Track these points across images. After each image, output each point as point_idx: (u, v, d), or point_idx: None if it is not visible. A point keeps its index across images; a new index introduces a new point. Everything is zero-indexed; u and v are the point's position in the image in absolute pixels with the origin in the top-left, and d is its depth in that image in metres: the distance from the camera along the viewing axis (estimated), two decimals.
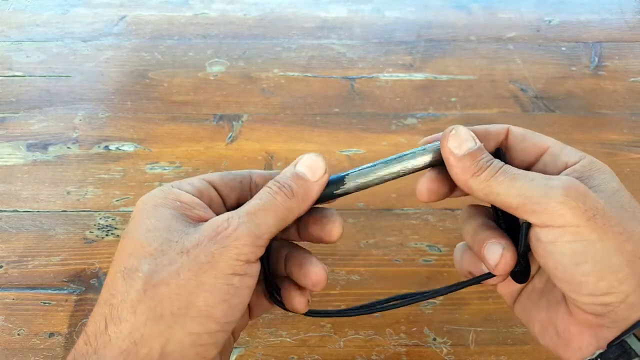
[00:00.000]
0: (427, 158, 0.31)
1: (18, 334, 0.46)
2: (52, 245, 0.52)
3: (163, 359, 0.26)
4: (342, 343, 0.46)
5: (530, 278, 0.32)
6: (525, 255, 0.30)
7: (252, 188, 0.32)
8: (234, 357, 0.45)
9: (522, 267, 0.31)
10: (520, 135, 0.32)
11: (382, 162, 0.31)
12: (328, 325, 0.46)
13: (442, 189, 0.31)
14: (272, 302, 0.32)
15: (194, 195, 0.30)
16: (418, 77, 0.67)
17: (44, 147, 0.60)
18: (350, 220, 0.53)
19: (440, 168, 0.31)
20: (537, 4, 0.77)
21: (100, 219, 0.54)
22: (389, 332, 0.46)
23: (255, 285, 0.29)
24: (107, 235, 0.52)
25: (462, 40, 0.72)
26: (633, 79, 0.67)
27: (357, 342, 0.46)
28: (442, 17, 0.75)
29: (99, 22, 0.75)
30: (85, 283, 0.49)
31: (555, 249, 0.27)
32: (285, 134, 0.61)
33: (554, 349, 0.30)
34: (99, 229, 0.53)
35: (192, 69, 0.68)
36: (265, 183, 0.30)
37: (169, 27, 0.74)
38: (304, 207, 0.29)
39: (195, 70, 0.68)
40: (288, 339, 0.46)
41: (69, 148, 0.60)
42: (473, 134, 0.30)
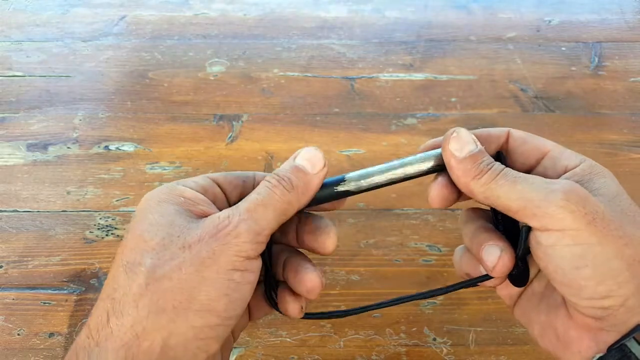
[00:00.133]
0: (429, 164, 0.31)
1: (18, 334, 0.46)
2: (52, 245, 0.52)
3: (165, 352, 0.26)
4: (342, 343, 0.46)
5: (530, 281, 0.32)
6: (524, 259, 0.30)
7: (255, 187, 0.32)
8: (234, 357, 0.45)
9: (520, 270, 0.31)
10: (521, 139, 0.32)
11: (385, 165, 0.31)
12: (328, 325, 0.46)
13: (453, 194, 0.31)
14: (270, 304, 0.32)
15: (198, 192, 0.30)
16: (418, 77, 0.67)
17: (44, 147, 0.60)
18: (350, 220, 0.53)
19: (445, 175, 0.31)
20: (537, 4, 0.77)
21: (100, 219, 0.54)
22: (389, 332, 0.46)
23: (256, 288, 0.29)
24: (107, 235, 0.52)
25: (462, 40, 0.72)
26: (633, 79, 0.67)
27: (357, 342, 0.46)
28: (442, 17, 0.75)
29: (99, 22, 0.75)
30: (85, 283, 0.49)
31: (555, 253, 0.27)
32: (285, 134, 0.61)
33: (554, 352, 0.30)
34: (99, 229, 0.53)
35: (192, 69, 0.68)
36: None
37: (169, 27, 0.74)
38: (304, 200, 0.29)
39: (195, 70, 0.68)
40: (288, 339, 0.46)
41: (69, 148, 0.60)
42: (474, 137, 0.30)
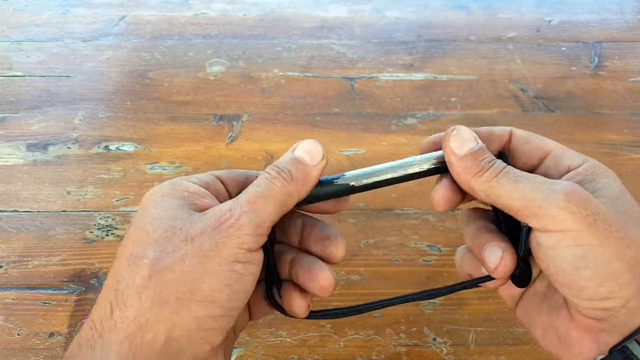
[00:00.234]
0: (430, 164, 0.31)
1: (18, 334, 0.46)
2: (52, 245, 0.52)
3: (169, 344, 0.27)
4: (342, 343, 0.46)
5: (532, 281, 0.32)
6: (526, 260, 0.30)
7: None
8: (234, 357, 0.45)
9: (522, 271, 0.31)
10: (523, 138, 0.32)
11: (387, 165, 0.31)
12: (328, 325, 0.46)
13: (457, 196, 0.31)
14: (270, 303, 0.32)
15: (202, 187, 0.30)
16: (418, 77, 0.67)
17: (44, 147, 0.60)
18: (350, 220, 0.53)
19: (449, 176, 0.31)
20: (537, 4, 0.77)
21: (100, 219, 0.54)
22: (389, 332, 0.46)
23: (257, 287, 0.29)
24: (107, 235, 0.52)
25: (462, 40, 0.72)
26: (633, 79, 0.67)
27: (357, 342, 0.46)
28: (442, 17, 0.75)
29: (99, 22, 0.75)
30: (85, 283, 0.49)
31: (556, 254, 0.27)
32: (285, 134, 0.61)
33: (555, 353, 0.30)
34: (99, 229, 0.53)
35: (192, 69, 0.68)
36: None
37: (169, 27, 0.74)
38: (304, 192, 0.30)
39: (195, 70, 0.68)
40: (288, 339, 0.46)
41: (69, 148, 0.60)
42: (475, 134, 0.30)
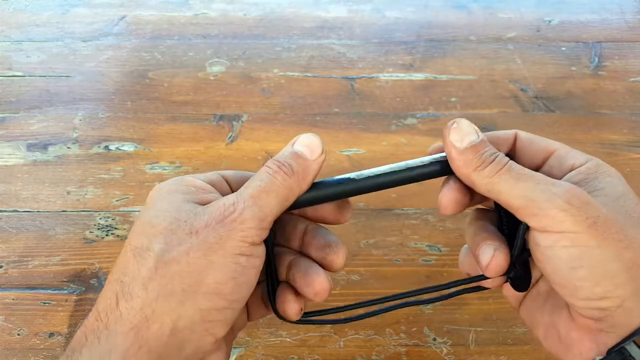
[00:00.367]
0: (434, 166, 0.30)
1: (18, 334, 0.46)
2: (52, 245, 0.52)
3: (174, 335, 0.27)
4: (342, 343, 0.46)
5: (535, 281, 0.32)
6: (526, 263, 0.30)
7: None
8: (234, 357, 0.45)
9: (521, 274, 0.30)
10: (528, 139, 0.32)
11: (389, 167, 0.31)
12: (328, 325, 0.46)
13: (466, 198, 0.31)
14: (270, 302, 0.32)
15: (207, 184, 0.31)
16: (418, 77, 0.67)
17: (44, 147, 0.60)
18: (350, 220, 0.53)
19: (456, 178, 0.30)
20: (537, 4, 0.77)
21: (100, 219, 0.54)
22: (389, 332, 0.46)
23: (256, 288, 0.30)
24: (107, 235, 0.52)
25: (462, 40, 0.72)
26: (633, 79, 0.67)
27: (357, 342, 0.46)
28: (442, 17, 0.75)
29: (99, 22, 0.75)
30: (85, 283, 0.49)
31: (553, 253, 0.27)
32: (285, 134, 0.61)
33: (557, 353, 0.30)
34: (99, 229, 0.53)
35: (192, 69, 0.68)
36: None
37: (169, 27, 0.74)
38: (304, 186, 0.30)
39: (195, 70, 0.68)
40: (288, 339, 0.46)
41: (69, 148, 0.60)
42: (476, 127, 0.29)
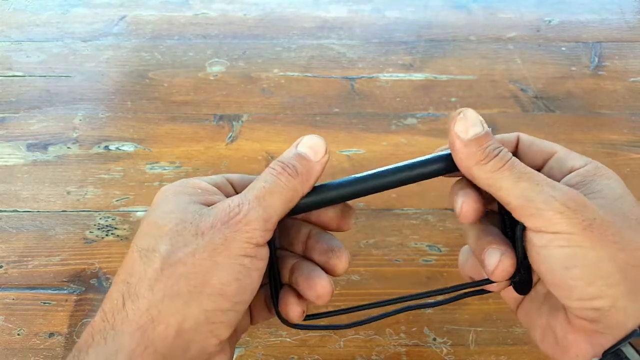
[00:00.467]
0: (437, 165, 0.30)
1: (18, 334, 0.46)
2: (52, 245, 0.52)
3: (179, 336, 0.27)
4: (342, 343, 0.46)
5: (534, 284, 0.32)
6: (528, 266, 0.30)
7: None
8: (234, 357, 0.45)
9: (523, 277, 0.30)
10: (529, 141, 0.32)
11: (392, 167, 0.31)
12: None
13: (483, 205, 0.30)
14: (273, 304, 0.32)
15: (213, 186, 0.31)
16: (418, 77, 0.67)
17: (44, 147, 0.60)
18: None
19: (468, 183, 0.30)
20: (537, 4, 0.77)
21: (100, 219, 0.54)
22: (389, 332, 0.46)
23: (259, 291, 0.30)
24: (107, 235, 0.52)
25: (462, 40, 0.72)
26: (633, 79, 0.67)
27: (357, 342, 0.46)
28: (442, 17, 0.75)
29: (99, 22, 0.75)
30: (85, 283, 0.49)
31: (547, 253, 0.27)
32: (285, 134, 0.61)
33: (553, 356, 0.30)
34: (99, 229, 0.53)
35: (192, 69, 0.68)
36: None
37: (169, 27, 0.74)
38: (307, 187, 0.30)
39: (195, 70, 0.68)
40: (288, 339, 0.46)
41: (69, 148, 0.60)
42: (481, 118, 0.29)
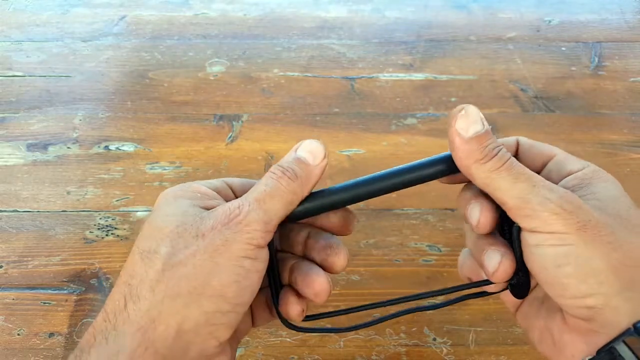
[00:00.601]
0: (438, 166, 0.30)
1: (18, 334, 0.46)
2: (52, 245, 0.52)
3: (179, 337, 0.27)
4: (342, 343, 0.46)
5: (533, 287, 0.32)
6: (526, 270, 0.30)
7: None
8: None
9: (521, 280, 0.30)
10: (528, 144, 0.32)
11: (394, 169, 0.31)
12: (328, 325, 0.46)
13: (497, 213, 0.30)
14: (270, 305, 0.32)
15: (213, 191, 0.31)
16: (418, 77, 0.67)
17: (44, 147, 0.60)
18: None
19: (478, 191, 0.30)
20: (537, 4, 0.77)
21: (100, 219, 0.54)
22: (389, 332, 0.46)
23: (259, 294, 0.30)
24: (107, 235, 0.52)
25: (462, 40, 0.72)
26: (633, 79, 0.67)
27: (357, 342, 0.46)
28: (442, 17, 0.75)
29: (99, 22, 0.75)
30: (85, 283, 0.49)
31: (540, 251, 0.28)
32: (285, 134, 0.61)
33: (550, 357, 0.30)
34: (99, 229, 0.53)
35: (192, 69, 0.68)
36: None
37: (169, 27, 0.74)
38: (306, 190, 0.30)
39: (195, 70, 0.68)
40: (288, 339, 0.46)
41: (69, 148, 0.60)
42: (482, 116, 0.29)
